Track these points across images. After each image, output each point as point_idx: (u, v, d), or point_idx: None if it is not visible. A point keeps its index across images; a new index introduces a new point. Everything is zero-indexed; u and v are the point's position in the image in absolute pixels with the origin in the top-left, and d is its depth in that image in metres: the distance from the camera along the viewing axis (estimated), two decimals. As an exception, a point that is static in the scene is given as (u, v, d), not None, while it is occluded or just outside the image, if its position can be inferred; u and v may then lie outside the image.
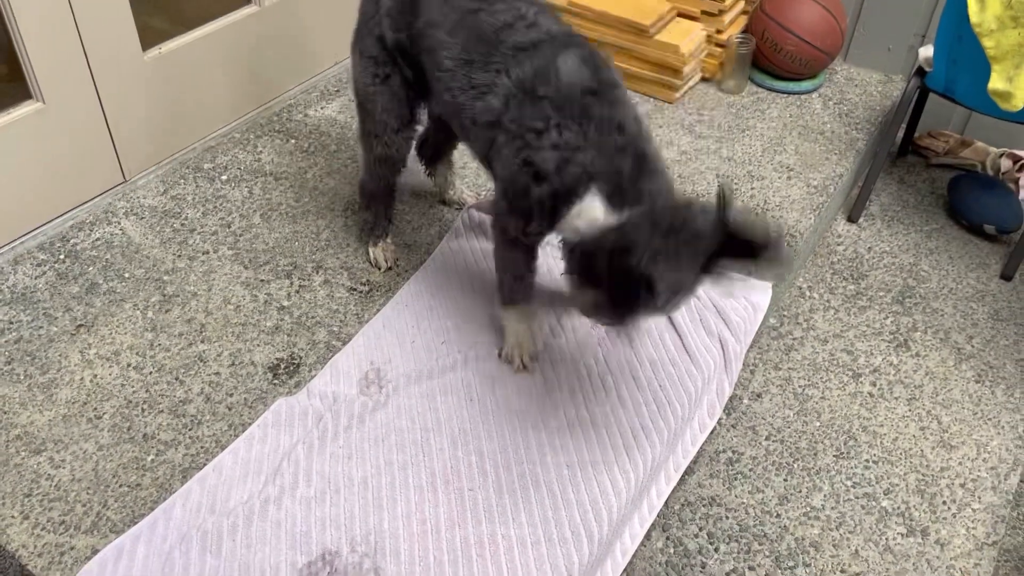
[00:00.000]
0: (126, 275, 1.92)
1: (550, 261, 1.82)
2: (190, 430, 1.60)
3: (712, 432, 1.80)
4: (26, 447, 1.56)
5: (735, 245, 1.24)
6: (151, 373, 1.70)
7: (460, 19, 1.51)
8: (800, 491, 1.71)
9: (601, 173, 1.34)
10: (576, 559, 1.39)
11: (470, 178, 2.24)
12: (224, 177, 2.23)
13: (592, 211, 1.34)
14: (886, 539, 1.62)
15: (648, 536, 1.61)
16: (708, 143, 2.41)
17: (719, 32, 2.62)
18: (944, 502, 1.70)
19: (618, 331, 1.67)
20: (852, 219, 2.43)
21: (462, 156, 2.16)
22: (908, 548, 1.61)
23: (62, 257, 1.96)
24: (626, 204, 1.32)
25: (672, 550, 1.60)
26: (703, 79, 2.67)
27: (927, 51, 2.26)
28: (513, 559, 1.38)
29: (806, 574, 1.56)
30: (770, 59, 2.60)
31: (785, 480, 1.73)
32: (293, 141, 2.37)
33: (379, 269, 1.95)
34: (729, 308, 1.86)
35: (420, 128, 1.82)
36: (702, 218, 1.25)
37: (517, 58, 1.44)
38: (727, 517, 1.65)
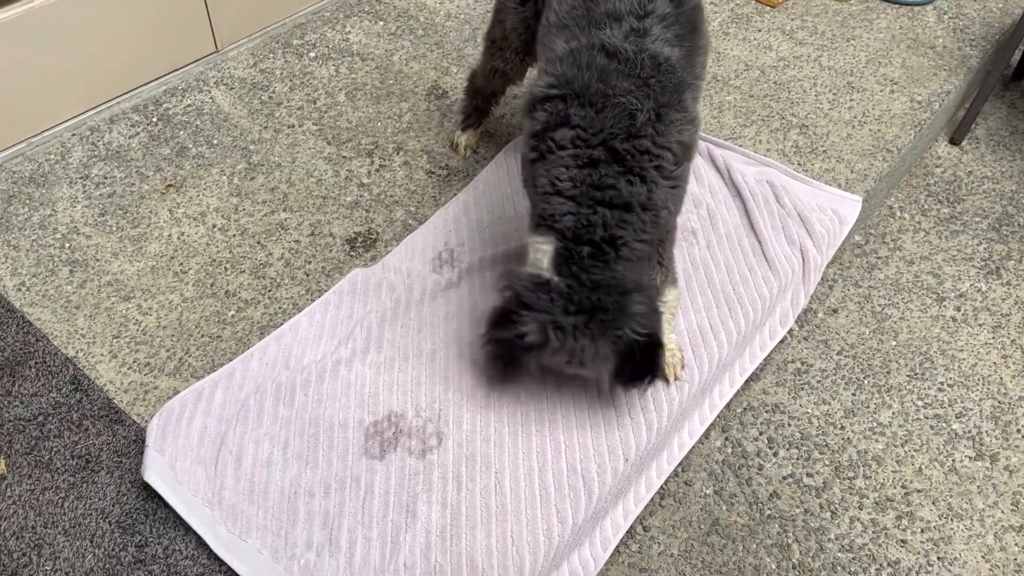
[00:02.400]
0: (214, 141, 1.96)
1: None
2: (269, 291, 1.65)
3: (782, 341, 1.77)
4: (116, 293, 1.63)
5: (636, 362, 1.27)
6: (235, 235, 1.75)
7: None
8: (868, 407, 1.68)
9: (568, 228, 1.27)
10: (633, 444, 1.40)
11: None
12: (312, 54, 2.23)
13: (540, 259, 1.29)
14: (952, 460, 1.59)
15: (707, 435, 1.62)
16: (808, 50, 2.30)
17: (833, -67, 2.46)
18: (1019, 430, 1.65)
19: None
20: (955, 141, 2.30)
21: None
22: (975, 471, 1.57)
23: (155, 120, 2.01)
24: (567, 274, 1.26)
25: (730, 450, 1.60)
26: (810, -16, 2.53)
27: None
28: (571, 438, 1.40)
29: (865, 485, 1.54)
30: (885, -35, 2.43)
31: (853, 395, 1.70)
32: (381, 23, 2.35)
33: (459, 155, 1.95)
34: (814, 218, 1.80)
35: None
36: (629, 326, 1.24)
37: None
38: (789, 424, 1.64)
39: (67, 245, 1.71)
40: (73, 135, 1.95)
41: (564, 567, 1.34)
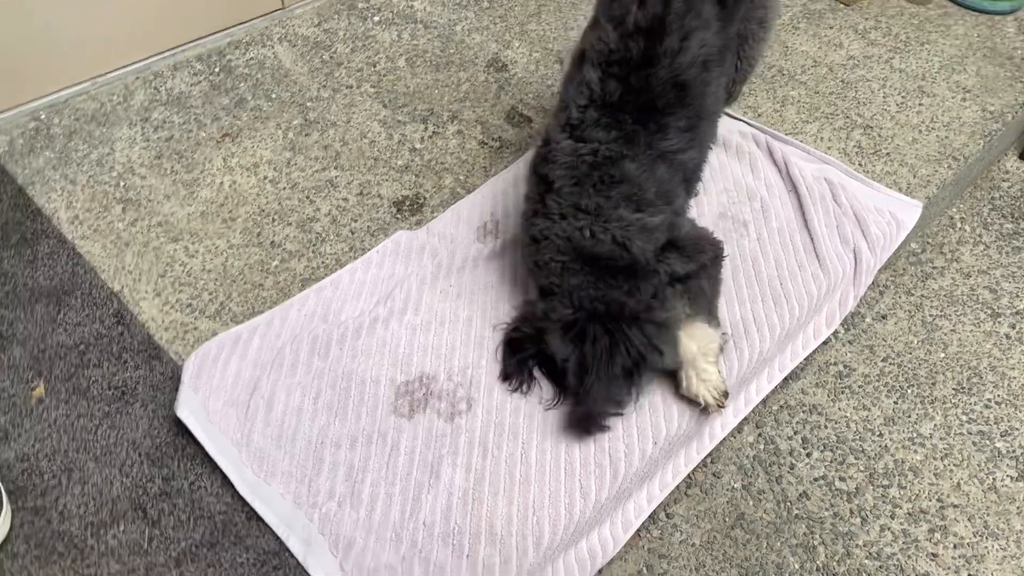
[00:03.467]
0: (273, 96, 1.98)
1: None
2: (314, 245, 1.66)
3: (825, 342, 1.73)
4: (165, 234, 1.66)
5: None
6: (285, 188, 1.77)
7: None
8: (909, 416, 1.63)
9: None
10: (664, 428, 1.38)
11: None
12: (376, 18, 2.24)
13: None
14: (993, 479, 1.54)
15: (740, 430, 1.59)
16: (880, 51, 2.24)
17: (916, -67, 2.39)
18: (1066, 456, 1.59)
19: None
20: (1025, 156, 2.23)
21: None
22: (1016, 492, 1.52)
23: (217, 70, 2.03)
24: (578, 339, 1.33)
25: (762, 446, 1.57)
26: (888, -16, 2.46)
27: None
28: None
29: (899, 495, 1.50)
30: (969, -30, 2.35)
31: (895, 403, 1.65)
32: (447, -7, 2.34)
33: None
34: (871, 219, 1.75)
35: None
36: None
37: None
38: (825, 427, 1.60)
39: (122, 184, 1.74)
40: (137, 78, 1.98)
41: (583, 544, 1.33)
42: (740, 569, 1.40)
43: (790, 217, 1.76)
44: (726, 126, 1.93)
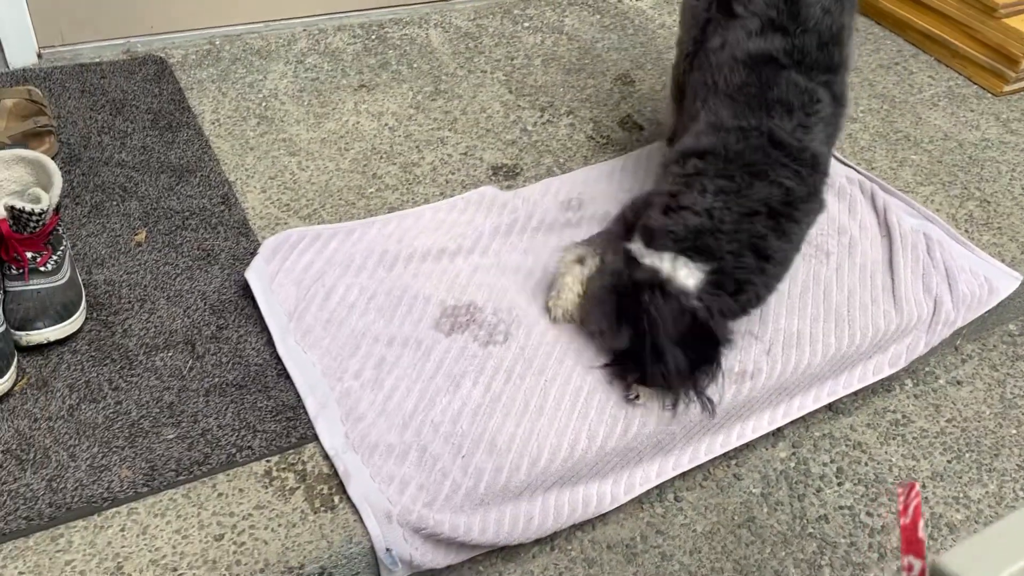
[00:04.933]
0: (414, 65, 2.16)
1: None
2: (409, 184, 1.79)
3: (888, 390, 1.67)
4: (285, 148, 1.84)
5: None
6: (400, 136, 1.92)
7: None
8: (960, 478, 1.54)
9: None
10: (684, 404, 1.38)
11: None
12: (526, 24, 2.41)
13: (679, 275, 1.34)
14: (1038, 556, 1.42)
15: (774, 442, 1.55)
16: (1018, 140, 2.18)
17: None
18: None
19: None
20: None
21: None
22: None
23: (373, 38, 2.25)
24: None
25: (793, 464, 1.52)
26: (1043, 84, 2.40)
27: None
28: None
29: (928, 546, 1.41)
30: None
31: (948, 462, 1.56)
32: (598, 16, 2.49)
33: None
34: (962, 278, 1.70)
35: None
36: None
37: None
38: (866, 464, 1.54)
39: (263, 104, 1.95)
40: (304, 30, 2.23)
41: (579, 489, 1.34)
42: (736, 565, 1.36)
43: (876, 259, 1.73)
44: (835, 169, 1.93)
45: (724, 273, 1.33)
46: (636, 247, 1.37)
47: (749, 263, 1.35)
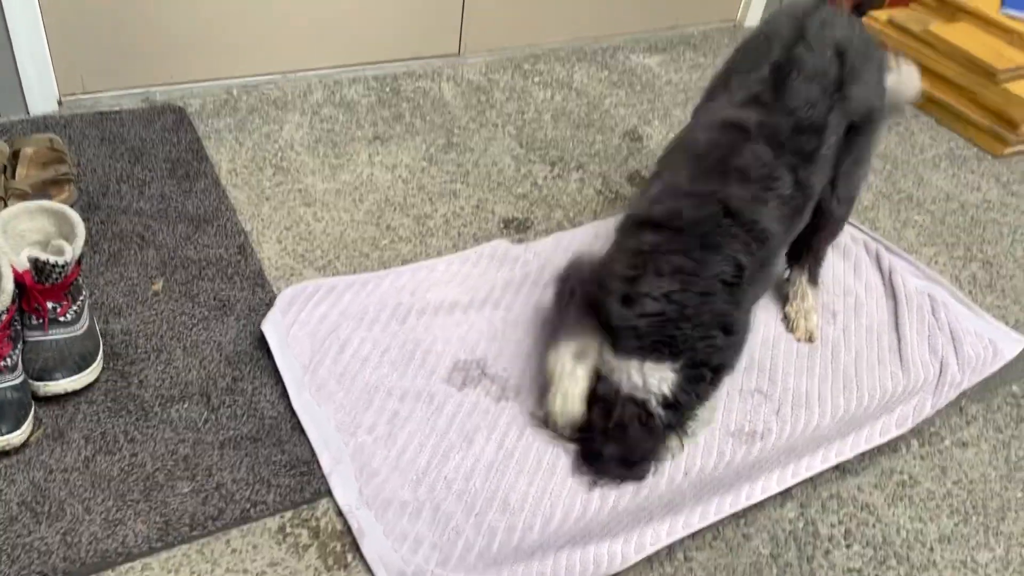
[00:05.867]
0: (427, 118, 2.20)
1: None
2: (422, 236, 1.82)
3: (895, 451, 1.68)
4: (301, 199, 1.87)
5: None
6: (413, 188, 1.95)
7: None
8: (968, 541, 1.54)
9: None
10: (698, 463, 1.39)
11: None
12: (536, 79, 2.46)
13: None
14: (1047, 623, 1.42)
15: (783, 503, 1.55)
16: (1019, 201, 2.22)
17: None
18: None
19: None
20: None
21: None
22: (1070, 643, 1.39)
23: (387, 90, 2.29)
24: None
25: (801, 525, 1.52)
26: (1042, 146, 2.45)
27: None
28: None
29: (936, 609, 1.41)
30: None
31: (956, 525, 1.57)
32: (606, 73, 2.54)
33: None
34: (967, 340, 1.72)
35: None
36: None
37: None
38: (874, 526, 1.54)
39: (279, 154, 1.99)
40: (319, 82, 2.27)
41: (591, 548, 1.34)
42: (745, 628, 1.36)
43: (882, 319, 1.76)
44: (839, 229, 1.97)
45: (696, 365, 1.32)
46: (606, 356, 1.36)
47: (719, 343, 1.33)
